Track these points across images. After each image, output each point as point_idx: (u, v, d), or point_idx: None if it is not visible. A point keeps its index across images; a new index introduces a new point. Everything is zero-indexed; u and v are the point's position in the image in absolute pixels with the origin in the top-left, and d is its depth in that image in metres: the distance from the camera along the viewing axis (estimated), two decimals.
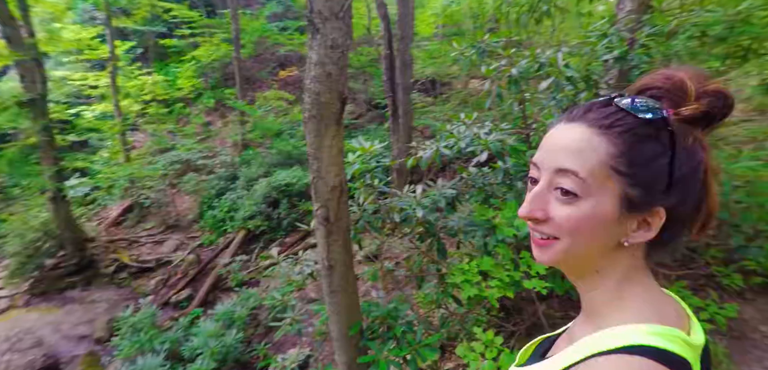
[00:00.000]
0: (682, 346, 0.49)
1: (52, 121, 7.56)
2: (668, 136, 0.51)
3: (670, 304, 0.56)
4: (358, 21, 9.89)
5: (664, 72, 0.55)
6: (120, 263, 6.65)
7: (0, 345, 4.86)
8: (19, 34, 7.03)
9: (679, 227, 0.55)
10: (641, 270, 0.55)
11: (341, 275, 1.84)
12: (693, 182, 0.52)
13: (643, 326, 0.50)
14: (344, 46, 1.55)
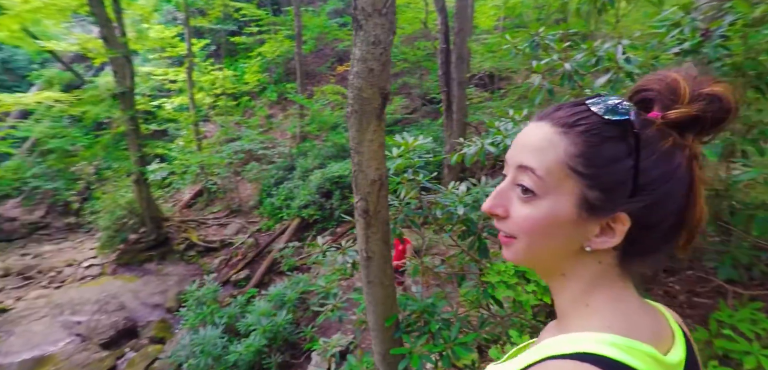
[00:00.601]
0: (645, 361, 0.46)
1: (137, 111, 8.46)
2: (635, 139, 0.48)
3: (646, 317, 0.52)
4: (414, 15, 9.85)
5: (661, 73, 0.52)
6: (189, 242, 7.31)
7: (92, 306, 5.63)
8: (114, 34, 7.92)
9: (656, 237, 0.51)
10: (612, 278, 0.52)
11: (379, 266, 1.88)
12: (666, 189, 0.48)
13: (603, 335, 0.47)
14: (387, 43, 1.57)
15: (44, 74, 13.14)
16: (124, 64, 7.81)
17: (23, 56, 13.62)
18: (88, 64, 13.19)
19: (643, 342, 0.47)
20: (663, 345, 0.51)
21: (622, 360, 0.44)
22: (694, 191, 0.49)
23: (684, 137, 0.49)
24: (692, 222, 0.50)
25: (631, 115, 0.48)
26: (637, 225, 0.49)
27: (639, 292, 0.54)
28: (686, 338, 0.56)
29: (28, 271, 7.42)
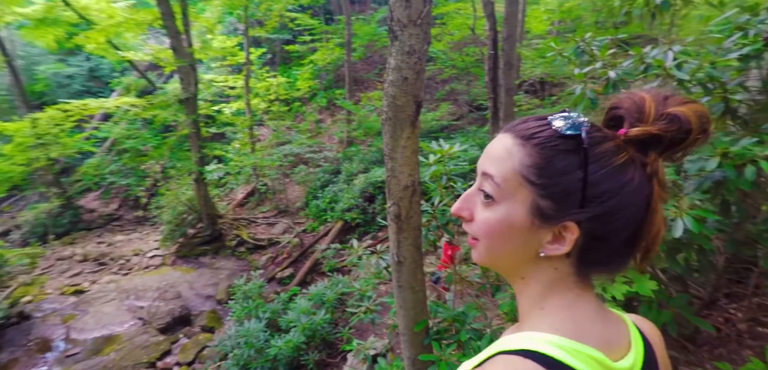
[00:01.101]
0: (589, 364, 0.49)
1: (199, 116, 9.13)
2: (584, 153, 0.50)
3: (600, 324, 0.55)
4: (463, 21, 9.76)
5: (634, 92, 0.54)
6: (240, 239, 7.75)
7: (153, 293, 6.16)
8: (182, 45, 8.62)
9: (609, 248, 0.53)
10: (568, 284, 0.55)
11: (410, 271, 1.90)
12: (616, 202, 0.50)
13: (550, 336, 0.51)
14: (421, 52, 1.59)
15: (123, 81, 14.59)
16: (189, 73, 8.46)
17: (107, 65, 15.21)
18: (160, 72, 14.46)
19: (591, 347, 0.50)
20: (615, 352, 0.53)
21: (563, 360, 0.48)
22: (651, 207, 0.51)
23: (646, 155, 0.51)
24: (648, 238, 0.52)
25: (582, 131, 0.51)
26: (589, 235, 0.51)
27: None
28: (648, 350, 0.58)
29: (103, 257, 8.27)
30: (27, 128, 9.81)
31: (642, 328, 0.61)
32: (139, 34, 13.14)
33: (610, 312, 0.58)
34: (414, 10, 1.51)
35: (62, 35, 11.24)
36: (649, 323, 0.63)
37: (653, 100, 0.52)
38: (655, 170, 0.51)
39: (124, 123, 13.10)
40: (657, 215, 0.51)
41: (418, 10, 1.52)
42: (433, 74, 12.87)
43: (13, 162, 9.90)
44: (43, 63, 14.67)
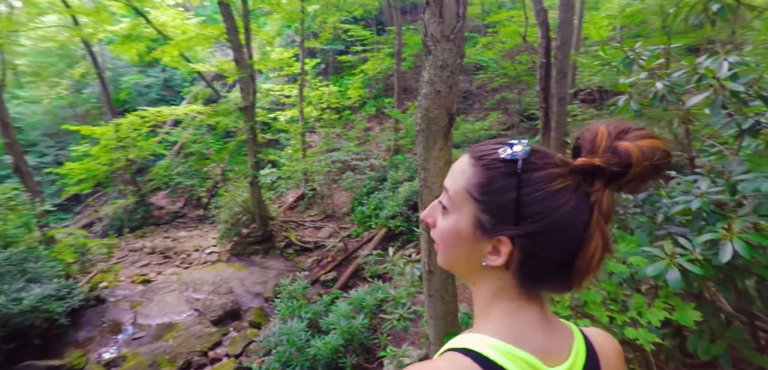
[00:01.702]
0: (520, 366, 0.54)
1: (256, 123, 9.70)
2: (518, 176, 0.56)
3: (540, 334, 0.59)
4: (516, 28, 9.52)
5: (597, 124, 0.58)
6: (289, 241, 8.10)
7: (208, 287, 6.64)
8: (243, 57, 9.24)
9: (544, 265, 0.58)
10: (511, 294, 0.60)
11: (440, 281, 1.91)
12: (548, 224, 0.55)
13: (489, 339, 0.57)
14: (454, 66, 1.62)
15: (192, 90, 15.90)
16: (248, 83, 9.04)
17: (179, 76, 16.68)
18: (224, 81, 15.61)
19: (526, 352, 0.56)
20: (551, 359, 0.58)
21: (497, 361, 0.54)
22: (588, 233, 0.55)
23: (592, 184, 0.56)
24: (582, 261, 0.55)
25: (519, 156, 0.57)
26: (523, 251, 0.57)
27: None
28: (591, 361, 0.62)
29: (168, 251, 9.03)
30: (111, 132, 11.02)
31: (595, 342, 0.65)
32: (207, 48, 14.30)
33: (557, 324, 0.63)
34: (447, 25, 1.54)
35: (143, 49, 12.54)
36: (611, 340, 0.68)
37: (606, 134, 0.56)
38: (598, 199, 0.55)
39: (191, 128, 14.26)
40: (593, 241, 0.55)
41: (451, 26, 1.55)
42: (483, 83, 12.65)
43: (99, 162, 11.16)
44: (127, 74, 16.40)
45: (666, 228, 1.53)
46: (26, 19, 12.11)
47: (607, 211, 0.55)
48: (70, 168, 10.87)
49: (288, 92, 13.17)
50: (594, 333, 0.67)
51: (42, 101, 15.15)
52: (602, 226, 0.55)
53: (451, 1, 1.50)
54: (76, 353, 5.21)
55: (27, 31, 12.80)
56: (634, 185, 0.56)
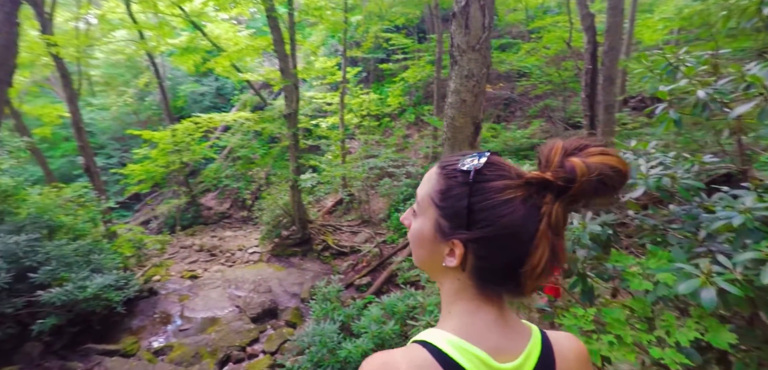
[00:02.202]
0: (471, 360, 0.59)
1: (298, 129, 10.06)
2: (469, 186, 0.61)
3: (495, 333, 0.63)
4: (560, 34, 9.19)
5: (556, 140, 0.63)
6: (326, 244, 8.29)
7: (249, 285, 6.95)
8: (288, 67, 9.64)
9: (494, 269, 0.62)
10: (470, 295, 0.65)
11: None
12: (494, 230, 0.60)
13: (446, 334, 0.62)
14: (479, 76, 1.62)
15: (241, 98, 16.78)
16: (292, 91, 9.40)
17: (230, 85, 17.67)
18: (270, 89, 16.34)
19: (478, 348, 0.60)
20: (503, 356, 0.61)
21: (449, 354, 0.59)
22: (534, 242, 0.58)
23: (543, 196, 0.59)
24: (528, 267, 0.59)
25: (472, 168, 0.62)
26: (475, 254, 0.62)
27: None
28: (545, 361, 0.65)
29: (214, 249, 9.56)
30: (168, 137, 11.89)
31: (557, 344, 0.68)
32: (255, 58, 15.06)
33: (515, 325, 0.67)
34: (473, 36, 1.55)
35: (199, 60, 13.44)
36: (576, 344, 0.71)
37: (560, 149, 0.60)
38: (547, 211, 0.59)
39: (240, 134, 15.03)
40: (538, 250, 0.58)
41: (477, 37, 1.55)
42: (526, 90, 12.31)
43: (157, 164, 12.07)
44: (184, 83, 17.62)
45: (707, 245, 1.43)
46: (100, 35, 13.39)
47: (556, 223, 0.59)
48: (132, 169, 11.83)
49: (330, 100, 13.54)
50: (558, 337, 0.70)
51: (110, 108, 16.63)
52: (550, 237, 0.58)
53: (477, 13, 1.51)
54: (129, 340, 5.66)
55: (100, 45, 14.13)
56: (584, 200, 0.60)
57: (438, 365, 0.57)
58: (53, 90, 12.56)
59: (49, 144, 14.24)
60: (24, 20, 8.45)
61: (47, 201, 6.73)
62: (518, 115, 12.23)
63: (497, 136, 10.14)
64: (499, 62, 11.85)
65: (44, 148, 12.56)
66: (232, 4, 11.64)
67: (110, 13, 12.75)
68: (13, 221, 6.07)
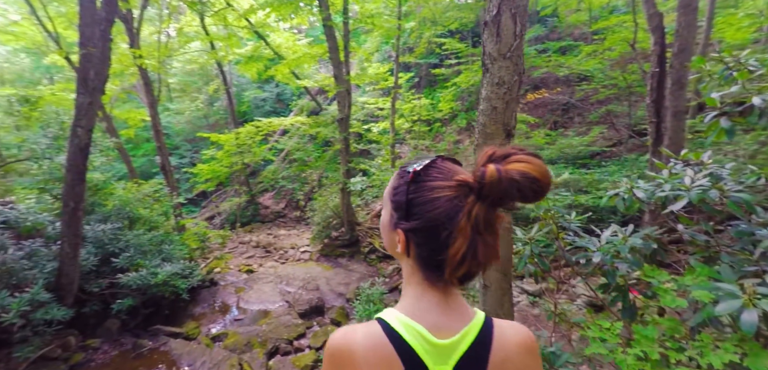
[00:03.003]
0: (412, 334, 0.69)
1: (350, 133, 10.35)
2: (407, 184, 0.73)
3: (437, 313, 0.72)
4: (627, 35, 8.59)
5: (491, 146, 0.69)
6: (373, 247, 8.44)
7: (299, 282, 7.29)
8: (342, 73, 9.99)
9: (426, 257, 0.72)
10: (418, 279, 0.75)
11: (496, 298, 1.88)
12: (422, 222, 0.70)
13: (398, 313, 0.72)
14: (510, 83, 1.61)
15: (298, 103, 17.60)
16: (345, 96, 9.71)
17: (289, 91, 18.62)
18: (325, 95, 16.99)
19: (420, 324, 0.70)
20: (441, 333, 0.70)
21: (395, 328, 0.70)
22: (455, 234, 0.66)
23: (468, 196, 0.67)
24: (448, 256, 0.67)
25: (413, 169, 0.73)
26: (414, 242, 0.73)
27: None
28: (481, 343, 0.72)
29: (269, 246, 10.12)
30: (232, 139, 12.82)
31: (500, 331, 0.74)
32: (312, 65, 15.74)
33: (459, 309, 0.74)
34: (504, 44, 1.56)
35: (262, 68, 14.34)
36: (521, 334, 0.76)
37: (488, 155, 0.68)
38: (469, 210, 0.66)
39: (296, 138, 15.78)
40: (457, 242, 0.66)
41: (508, 45, 1.56)
42: (587, 95, 11.63)
43: (222, 164, 13.06)
44: (248, 90, 18.86)
45: (763, 265, 1.30)
46: (178, 46, 14.79)
47: (476, 221, 0.66)
48: (200, 169, 12.90)
49: (381, 105, 13.77)
50: (504, 325, 0.76)
51: (184, 112, 18.27)
52: (469, 233, 0.66)
53: (509, 22, 1.51)
54: (191, 325, 6.19)
55: (177, 55, 15.61)
56: (502, 202, 0.66)
57: (386, 337, 0.69)
58: (138, 96, 14.07)
59: (133, 144, 15.98)
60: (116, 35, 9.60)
61: (129, 195, 7.58)
62: (577, 121, 11.58)
63: (553, 143, 9.69)
64: (558, 66, 11.32)
65: (129, 147, 14.12)
66: (292, 14, 12.30)
67: (187, 26, 14.08)
68: (101, 212, 6.92)
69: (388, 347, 0.68)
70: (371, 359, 0.67)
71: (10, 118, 7.58)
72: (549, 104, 12.67)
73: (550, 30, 15.45)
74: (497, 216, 0.68)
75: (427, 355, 0.68)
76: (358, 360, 0.68)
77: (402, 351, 0.68)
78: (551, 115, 12.40)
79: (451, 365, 0.69)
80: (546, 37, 15.11)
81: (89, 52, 5.24)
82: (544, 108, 12.79)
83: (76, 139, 5.30)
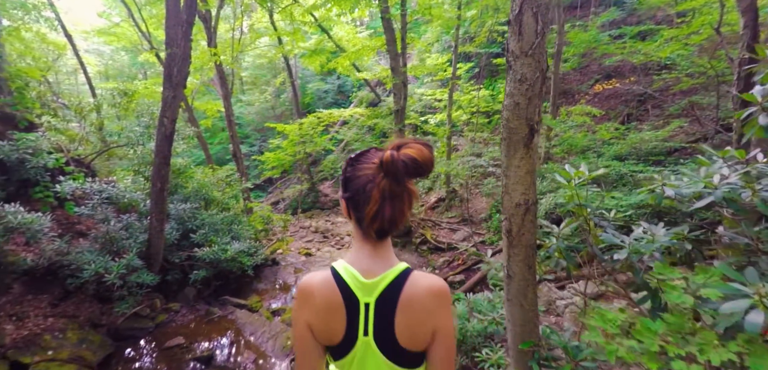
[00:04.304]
0: (349, 274, 0.98)
1: (405, 125, 10.48)
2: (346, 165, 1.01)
3: (368, 260, 0.99)
4: (710, 17, 7.68)
5: (401, 138, 0.95)
6: (424, 238, 8.54)
7: None
8: (398, 65, 10.13)
9: (360, 218, 0.97)
10: (359, 237, 1.01)
11: (519, 288, 1.92)
12: (351, 193, 0.98)
13: (343, 262, 1.02)
14: (532, 80, 1.65)
15: (358, 95, 18.09)
16: (401, 88, 9.85)
17: (349, 82, 19.20)
18: (384, 87, 17.26)
19: (354, 269, 0.99)
20: (369, 276, 0.98)
21: (339, 271, 1.00)
22: (369, 200, 0.93)
23: (380, 173, 0.92)
24: (364, 214, 0.95)
25: (349, 157, 1.01)
26: (352, 209, 1.00)
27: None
28: (395, 286, 0.96)
29: (327, 232, 10.67)
30: (296, 130, 13.61)
31: (414, 278, 0.98)
32: (371, 57, 16.07)
33: (386, 258, 1.00)
34: (526, 42, 1.60)
35: (324, 60, 14.98)
36: (432, 282, 0.98)
37: (391, 145, 0.92)
38: (378, 183, 0.92)
39: (355, 128, 16.27)
40: (369, 205, 0.93)
41: (529, 42, 1.60)
42: (667, 84, 10.58)
43: (286, 153, 13.93)
44: (311, 82, 19.78)
45: None
46: (249, 42, 15.95)
47: (384, 190, 0.91)
48: (267, 157, 13.87)
49: (439, 96, 13.69)
50: (421, 275, 0.99)
51: (254, 104, 19.65)
52: (378, 199, 0.92)
53: (531, 20, 1.55)
54: (255, 299, 6.82)
55: (249, 50, 16.82)
56: (399, 177, 0.91)
57: (332, 279, 0.99)
58: (214, 89, 15.46)
59: (210, 133, 17.59)
60: (196, 33, 10.63)
61: (205, 179, 8.47)
62: (655, 114, 10.58)
63: (622, 138, 8.99)
64: (633, 53, 10.43)
65: (207, 136, 15.58)
66: (354, 7, 12.66)
67: (257, 22, 15.12)
68: (182, 193, 7.82)
69: (333, 284, 0.98)
70: (323, 292, 0.98)
71: (113, 110, 8.81)
72: (623, 95, 11.71)
73: (628, 13, 14.20)
74: (405, 189, 0.93)
75: (358, 290, 0.97)
76: (315, 293, 0.99)
77: (342, 287, 0.97)
78: (625, 107, 11.46)
79: (373, 299, 0.96)
80: (623, 21, 13.92)
81: (173, 52, 5.94)
82: (616, 99, 11.84)
83: (162, 128, 6.06)
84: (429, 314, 0.96)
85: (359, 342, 0.97)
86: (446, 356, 0.99)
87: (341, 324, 0.97)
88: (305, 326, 1.00)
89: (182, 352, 5.27)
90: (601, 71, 13.42)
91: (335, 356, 1.02)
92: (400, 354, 0.97)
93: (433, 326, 0.97)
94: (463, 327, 4.29)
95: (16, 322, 4.78)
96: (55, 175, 6.56)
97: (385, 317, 0.96)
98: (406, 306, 0.95)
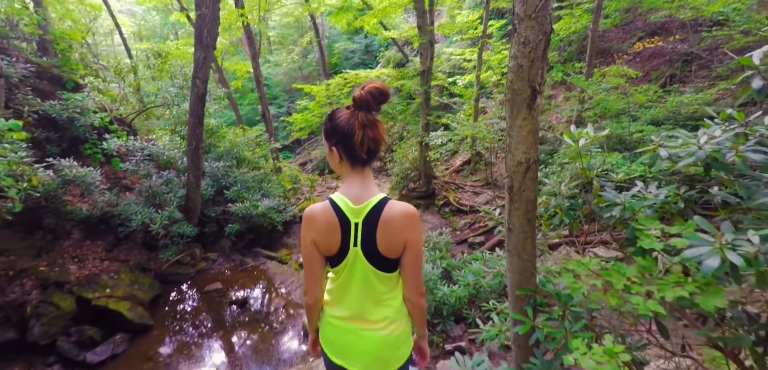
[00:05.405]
0: (342, 202, 1.30)
1: (431, 86, 10.38)
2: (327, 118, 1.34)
3: (357, 189, 1.31)
4: None
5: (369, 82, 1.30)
6: (447, 201, 8.67)
7: None
8: (425, 23, 9.93)
9: (349, 152, 1.29)
10: (348, 171, 1.33)
11: (518, 240, 2.05)
12: (339, 134, 1.29)
13: (338, 193, 1.33)
14: (535, 42, 1.69)
15: (385, 55, 17.88)
16: (427, 48, 9.70)
17: (377, 42, 18.94)
18: (411, 46, 16.94)
19: (346, 197, 1.31)
20: (357, 202, 1.30)
21: (335, 200, 1.32)
22: (354, 132, 1.26)
23: (356, 110, 1.27)
24: (354, 143, 1.26)
25: (330, 113, 1.34)
26: (340, 150, 1.31)
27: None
28: (376, 211, 1.29)
29: None
30: (323, 91, 13.75)
31: (391, 203, 1.30)
32: (399, 14, 15.69)
33: (370, 188, 1.32)
34: (530, 5, 1.65)
35: (351, 18, 14.80)
36: (409, 208, 1.30)
37: (358, 88, 1.25)
38: (356, 117, 1.26)
39: None
40: (355, 136, 1.25)
41: (533, 5, 1.65)
42: (717, 42, 9.83)
43: (314, 114, 14.16)
44: (338, 41, 19.65)
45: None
46: (275, 0, 15.93)
47: (362, 122, 1.25)
48: (295, 118, 14.17)
49: (468, 56, 13.33)
50: (397, 202, 1.31)
51: (282, 64, 19.84)
52: (361, 128, 1.25)
53: None
54: (284, 252, 7.28)
55: (275, 9, 16.84)
56: (370, 107, 1.27)
57: (330, 206, 1.30)
58: (242, 49, 15.73)
59: (240, 94, 18.04)
60: None
61: (237, 139, 8.86)
62: (701, 75, 9.92)
63: (659, 102, 8.56)
64: (681, 7, 9.70)
65: (237, 97, 16.01)
66: None
67: None
68: (216, 152, 8.26)
69: (331, 210, 1.30)
70: (323, 216, 1.30)
71: (148, 71, 9.23)
72: (666, 54, 11.00)
73: None
74: (376, 118, 1.28)
75: (349, 213, 1.29)
76: (317, 217, 1.31)
77: (337, 212, 1.29)
78: (667, 68, 10.79)
79: (361, 219, 1.28)
80: None
81: (203, 13, 6.15)
82: (659, 59, 11.14)
83: (195, 89, 6.38)
84: (401, 230, 1.28)
85: (351, 252, 1.30)
86: (414, 261, 1.32)
87: (337, 239, 1.29)
88: (311, 242, 1.32)
89: (220, 296, 5.79)
90: (645, 28, 12.58)
91: (333, 263, 1.35)
92: (381, 260, 1.30)
93: (404, 239, 1.29)
94: (477, 283, 4.47)
95: (78, 263, 5.40)
96: (101, 133, 7.09)
97: (369, 233, 1.28)
98: (385, 224, 1.27)
